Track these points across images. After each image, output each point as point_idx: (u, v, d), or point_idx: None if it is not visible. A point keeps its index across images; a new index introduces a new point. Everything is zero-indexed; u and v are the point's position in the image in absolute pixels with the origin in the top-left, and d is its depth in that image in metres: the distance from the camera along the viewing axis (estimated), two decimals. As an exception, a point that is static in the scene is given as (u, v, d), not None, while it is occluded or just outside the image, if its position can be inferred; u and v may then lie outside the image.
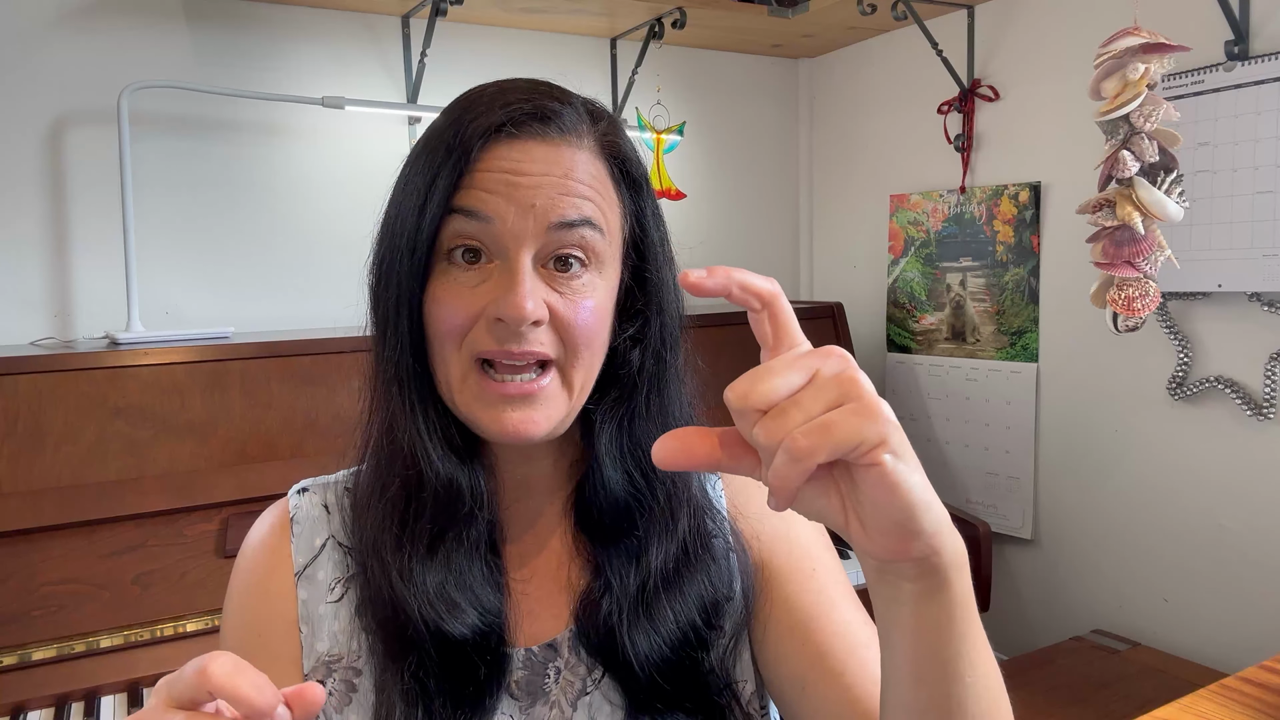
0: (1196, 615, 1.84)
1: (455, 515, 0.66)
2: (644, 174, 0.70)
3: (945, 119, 2.26)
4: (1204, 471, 1.81)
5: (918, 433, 2.39)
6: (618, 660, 0.67)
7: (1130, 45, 1.41)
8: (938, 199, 2.31)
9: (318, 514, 0.72)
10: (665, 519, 0.69)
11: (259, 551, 0.73)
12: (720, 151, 2.61)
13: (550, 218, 0.62)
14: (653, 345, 0.69)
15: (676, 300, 0.71)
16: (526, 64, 2.26)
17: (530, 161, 0.63)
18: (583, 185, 0.64)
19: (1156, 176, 1.45)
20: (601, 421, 0.68)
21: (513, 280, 0.61)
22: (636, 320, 0.69)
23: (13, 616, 1.38)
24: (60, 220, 1.85)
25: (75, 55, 1.84)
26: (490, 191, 0.62)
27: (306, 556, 0.71)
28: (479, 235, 0.62)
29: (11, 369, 1.49)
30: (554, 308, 0.63)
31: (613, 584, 0.67)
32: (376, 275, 0.67)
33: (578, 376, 0.65)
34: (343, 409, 1.66)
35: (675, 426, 0.68)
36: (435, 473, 0.65)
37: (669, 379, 0.70)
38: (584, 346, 0.64)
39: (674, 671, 0.67)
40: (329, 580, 0.70)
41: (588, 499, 0.69)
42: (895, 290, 2.44)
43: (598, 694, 0.68)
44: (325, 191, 2.07)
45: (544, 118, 0.64)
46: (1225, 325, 1.76)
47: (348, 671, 0.68)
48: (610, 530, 0.69)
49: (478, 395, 0.63)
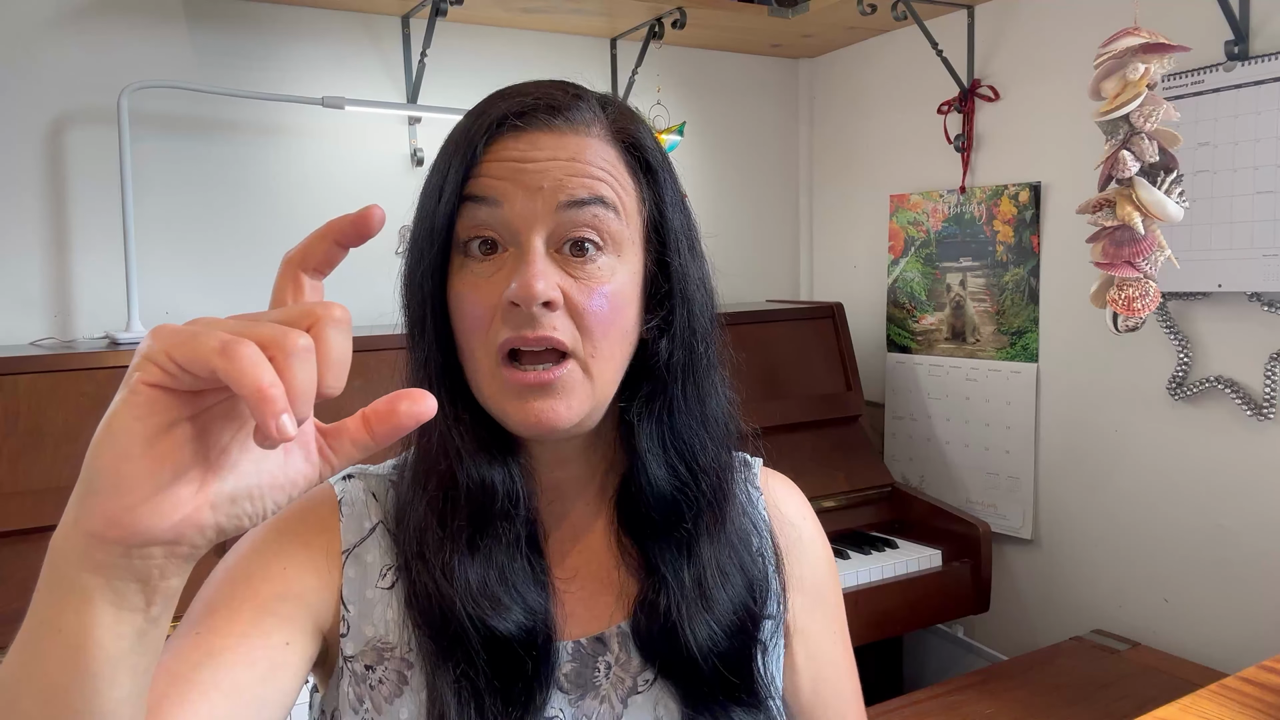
0: (1196, 615, 1.84)
1: (490, 513, 0.65)
2: (662, 160, 0.69)
3: (945, 119, 2.26)
4: (1204, 471, 1.81)
5: (917, 433, 2.39)
6: (681, 655, 0.67)
7: (1130, 45, 1.41)
8: (938, 199, 2.31)
9: (365, 499, 0.71)
10: (714, 511, 0.70)
11: (303, 514, 0.70)
12: (720, 151, 2.61)
13: (559, 197, 0.62)
14: (681, 335, 0.68)
15: (705, 288, 0.70)
16: (526, 64, 2.26)
17: (537, 150, 0.63)
18: (593, 166, 0.63)
19: (1156, 176, 1.44)
20: (639, 418, 0.68)
21: (524, 262, 0.61)
22: (662, 309, 0.68)
23: (13, 616, 1.38)
24: (60, 220, 1.85)
25: (75, 55, 1.84)
26: (498, 178, 0.62)
27: (356, 536, 0.69)
28: (491, 222, 0.63)
29: (11, 369, 1.49)
30: (568, 293, 0.62)
31: (668, 579, 0.67)
32: (406, 277, 0.68)
33: (597, 366, 0.64)
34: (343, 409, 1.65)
35: (713, 420, 0.70)
36: (468, 472, 0.65)
37: (704, 371, 0.69)
38: (600, 334, 0.63)
39: (732, 661, 0.68)
40: (380, 566, 0.68)
41: (634, 497, 0.69)
42: (895, 290, 2.44)
43: (649, 694, 0.69)
44: (325, 191, 2.07)
45: (551, 109, 0.64)
46: (1225, 325, 1.76)
47: (400, 662, 0.67)
48: (661, 526, 0.69)
49: (503, 386, 0.63)
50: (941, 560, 2.00)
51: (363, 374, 0.71)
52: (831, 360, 2.26)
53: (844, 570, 1.88)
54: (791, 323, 2.25)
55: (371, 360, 1.03)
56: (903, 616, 1.95)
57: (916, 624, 2.06)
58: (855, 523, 2.12)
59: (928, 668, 2.39)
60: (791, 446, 2.08)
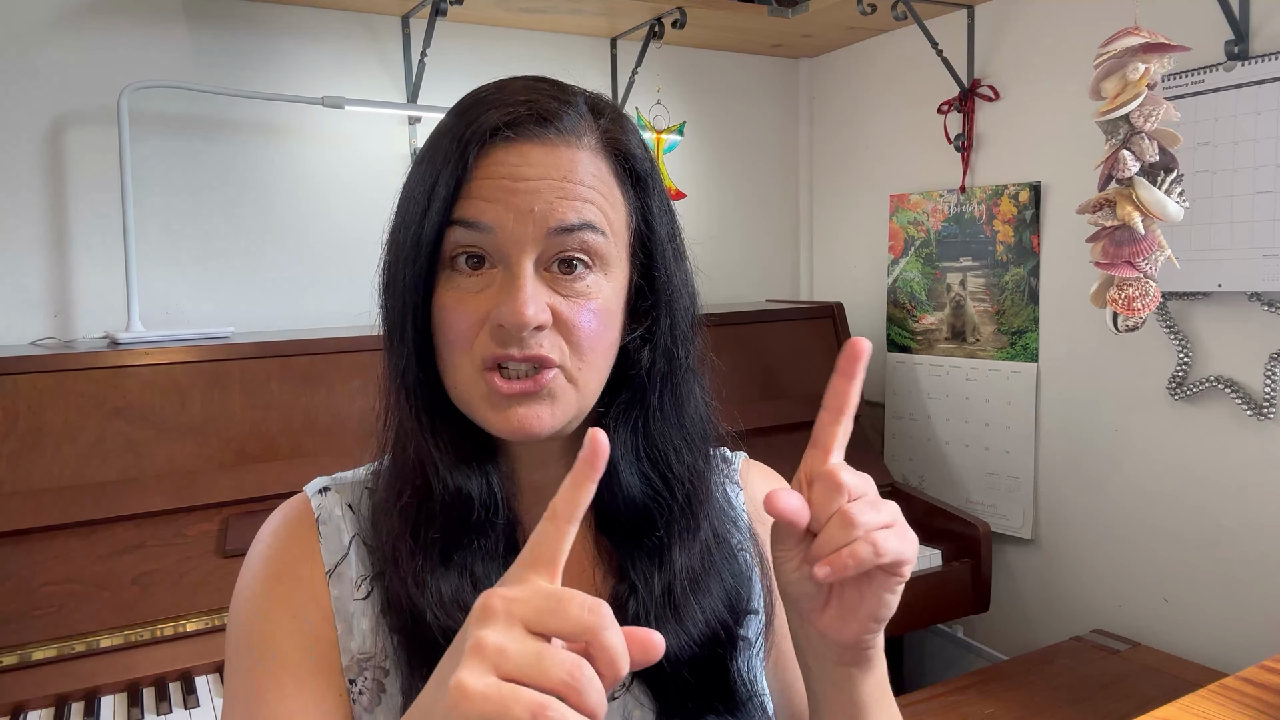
0: (1196, 615, 1.84)
1: (466, 524, 0.65)
2: (650, 169, 0.68)
3: (945, 119, 2.26)
4: (1204, 471, 1.81)
5: (917, 433, 2.39)
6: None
7: (1130, 45, 1.41)
8: (938, 199, 2.31)
9: (341, 512, 0.71)
10: (686, 519, 0.69)
11: (286, 542, 0.70)
12: (720, 151, 2.61)
13: (549, 223, 0.61)
14: (663, 344, 0.68)
15: (688, 297, 0.70)
16: (526, 64, 2.26)
17: (528, 165, 0.62)
18: (583, 187, 0.63)
19: (1156, 176, 1.45)
20: (615, 425, 0.68)
21: (514, 286, 0.61)
22: (646, 319, 0.68)
23: (13, 616, 1.38)
24: (60, 220, 1.85)
25: (75, 55, 1.84)
26: (489, 200, 0.62)
27: (336, 555, 0.69)
28: (480, 243, 0.62)
29: (11, 369, 1.49)
30: (557, 311, 0.62)
31: (638, 586, 0.67)
32: (384, 282, 0.67)
33: (583, 376, 0.64)
34: (343, 409, 1.66)
35: (691, 426, 0.70)
36: (444, 484, 0.65)
37: (682, 378, 0.69)
38: (589, 349, 0.63)
39: (704, 670, 0.67)
40: (355, 578, 0.69)
41: (605, 503, 0.68)
42: (895, 290, 2.44)
43: (628, 698, 0.68)
44: (325, 191, 2.07)
45: (541, 119, 0.63)
46: (1225, 325, 1.76)
47: (377, 671, 0.67)
48: (630, 531, 0.68)
49: (485, 395, 0.63)
50: (941, 560, 2.00)
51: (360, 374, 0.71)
52: (831, 360, 2.22)
53: (844, 570, 1.88)
54: (791, 323, 2.25)
55: (366, 360, 1.03)
56: (903, 616, 1.92)
57: (916, 624, 2.06)
58: (855, 523, 2.12)
59: (928, 668, 2.39)
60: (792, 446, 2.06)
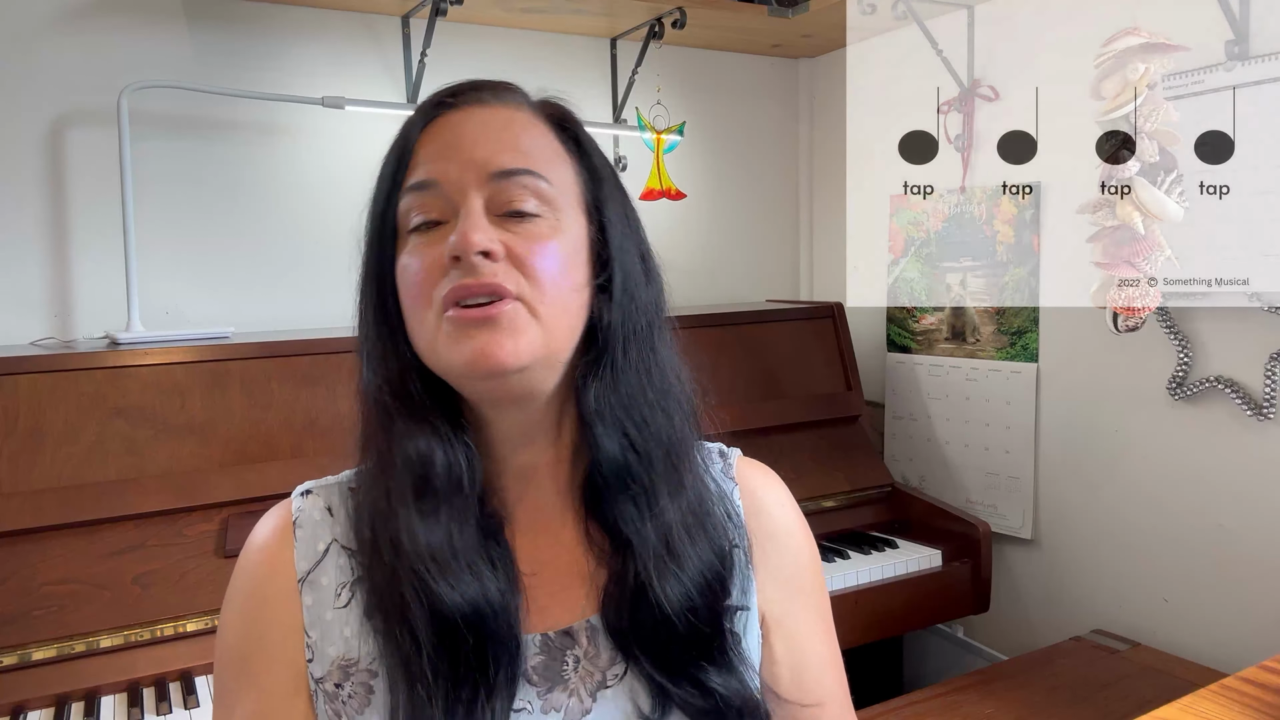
0: (1196, 615, 1.84)
1: (432, 487, 0.66)
2: (592, 144, 0.72)
3: (945, 119, 2.26)
4: (1204, 471, 1.81)
5: (918, 433, 2.39)
6: (654, 617, 0.67)
7: (1130, 45, 1.41)
8: (938, 199, 2.31)
9: (320, 517, 0.72)
10: (669, 472, 0.70)
11: (260, 556, 0.72)
12: (720, 151, 2.61)
13: (491, 167, 0.65)
14: (619, 300, 0.69)
15: (644, 262, 0.72)
16: (526, 64, 2.26)
17: (468, 123, 0.66)
18: (523, 135, 0.67)
19: (1156, 176, 1.45)
20: (584, 381, 0.69)
21: (463, 220, 0.63)
22: (606, 272, 0.70)
23: (13, 616, 1.38)
24: (60, 220, 1.85)
25: (75, 55, 1.84)
26: (432, 160, 0.66)
27: (310, 562, 0.70)
28: (429, 204, 0.65)
29: (11, 369, 1.49)
30: (511, 247, 0.64)
31: (633, 542, 0.68)
32: (360, 276, 0.71)
33: (545, 310, 0.64)
34: (343, 409, 1.66)
35: (663, 391, 0.71)
36: (411, 448, 0.66)
37: (644, 337, 0.70)
38: (549, 284, 0.64)
39: (705, 616, 0.68)
40: (334, 585, 0.69)
41: (590, 471, 0.69)
42: (895, 290, 2.44)
43: (619, 688, 0.68)
44: (325, 191, 2.07)
45: (478, 89, 0.68)
46: (1225, 325, 1.75)
47: (364, 674, 0.67)
48: (615, 486, 0.69)
49: (448, 334, 0.63)
50: (941, 560, 2.00)
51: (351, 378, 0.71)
52: (831, 360, 2.26)
53: (844, 570, 1.89)
54: (791, 323, 2.25)
55: (351, 361, 1.03)
56: (903, 616, 1.95)
57: (916, 624, 2.07)
58: (855, 523, 2.12)
59: (928, 668, 2.39)
60: (792, 446, 2.08)
